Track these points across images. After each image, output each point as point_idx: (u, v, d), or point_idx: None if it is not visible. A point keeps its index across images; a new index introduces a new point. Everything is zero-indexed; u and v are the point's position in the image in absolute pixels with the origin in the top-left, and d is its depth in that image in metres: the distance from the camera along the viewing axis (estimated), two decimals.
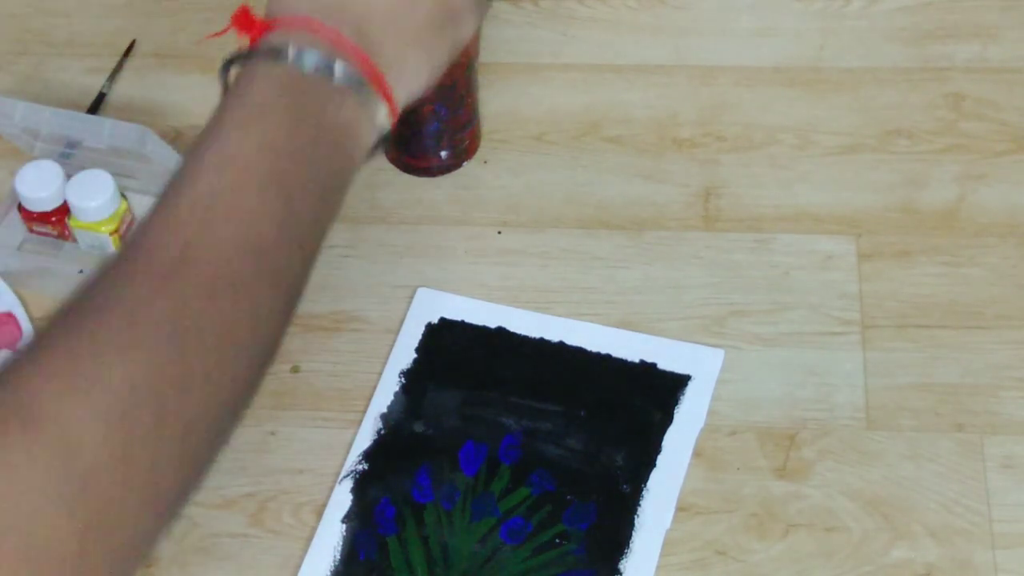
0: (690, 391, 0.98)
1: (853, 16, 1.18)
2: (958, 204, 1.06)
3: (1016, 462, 0.94)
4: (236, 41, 1.20)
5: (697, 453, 0.95)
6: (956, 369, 0.98)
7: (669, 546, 0.92)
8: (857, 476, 0.94)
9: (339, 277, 1.06)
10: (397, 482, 0.88)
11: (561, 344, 1.01)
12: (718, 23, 1.19)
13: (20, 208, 1.06)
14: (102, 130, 1.03)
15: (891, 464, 0.94)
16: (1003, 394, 0.97)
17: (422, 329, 1.02)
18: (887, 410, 0.97)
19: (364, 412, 0.98)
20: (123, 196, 1.05)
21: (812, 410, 0.97)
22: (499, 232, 1.07)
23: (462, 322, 1.02)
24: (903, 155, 1.09)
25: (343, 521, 0.94)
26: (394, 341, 1.02)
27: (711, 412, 0.97)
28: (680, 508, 0.93)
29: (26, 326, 1.03)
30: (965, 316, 1.01)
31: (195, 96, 1.16)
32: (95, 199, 1.03)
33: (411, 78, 0.84)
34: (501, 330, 1.02)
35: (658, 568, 0.91)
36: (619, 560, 0.91)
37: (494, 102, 1.14)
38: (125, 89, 1.18)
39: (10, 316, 1.03)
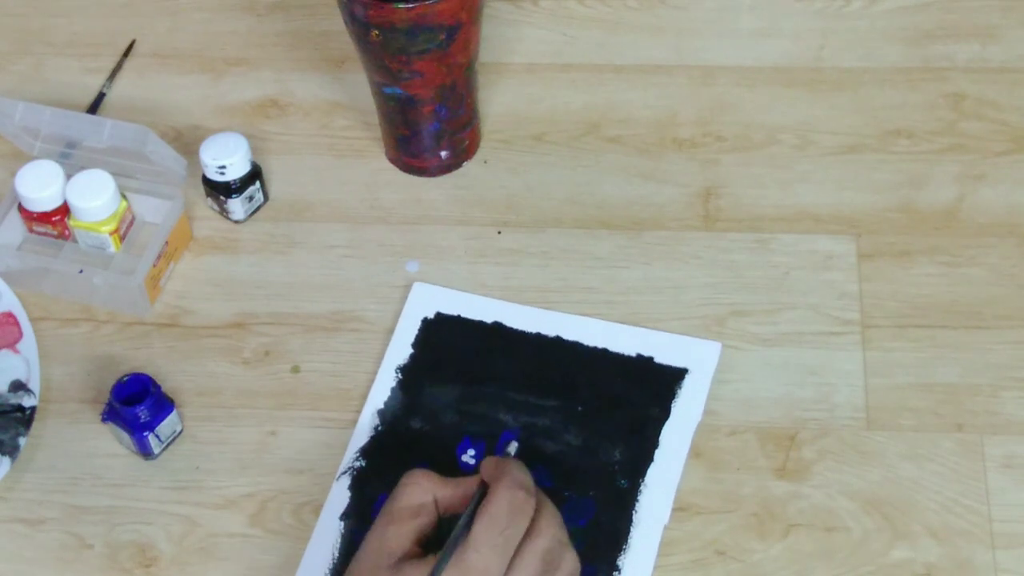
0: (687, 385, 0.98)
1: (853, 16, 1.18)
2: (958, 204, 1.06)
3: (1016, 462, 0.94)
4: (238, 44, 1.20)
5: (697, 453, 0.95)
6: (956, 369, 0.98)
7: (669, 546, 0.92)
8: (857, 476, 0.94)
9: (339, 277, 1.06)
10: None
11: (558, 339, 1.01)
12: (718, 23, 1.19)
13: (20, 208, 1.06)
14: (102, 130, 1.03)
15: (891, 464, 0.94)
16: (1003, 394, 0.97)
17: (418, 324, 1.02)
18: (887, 410, 0.97)
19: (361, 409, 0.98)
20: (123, 196, 1.06)
21: (812, 410, 0.97)
22: (499, 232, 1.07)
23: (458, 317, 1.02)
24: (903, 155, 1.09)
25: (341, 518, 0.94)
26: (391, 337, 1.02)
27: (712, 412, 0.97)
28: (680, 508, 0.93)
29: (26, 326, 1.03)
30: (965, 316, 1.01)
31: (195, 96, 1.17)
32: (95, 199, 1.03)
33: None
34: (498, 325, 1.02)
35: (658, 568, 0.91)
36: (618, 557, 0.91)
37: (494, 102, 1.14)
38: (125, 89, 1.18)
39: (10, 316, 1.03)
